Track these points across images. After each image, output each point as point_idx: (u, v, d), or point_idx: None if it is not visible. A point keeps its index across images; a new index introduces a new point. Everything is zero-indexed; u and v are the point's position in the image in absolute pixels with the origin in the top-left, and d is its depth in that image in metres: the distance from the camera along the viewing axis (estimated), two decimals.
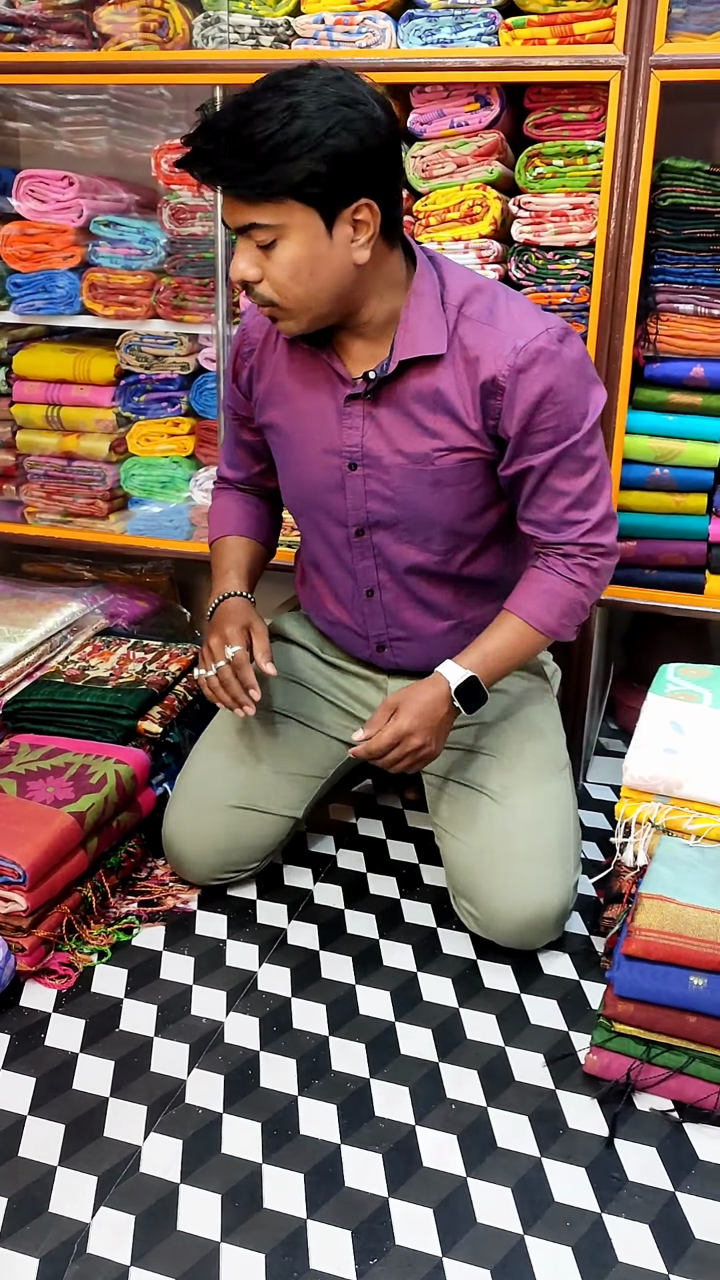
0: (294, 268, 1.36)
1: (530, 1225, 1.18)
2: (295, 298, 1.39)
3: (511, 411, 1.45)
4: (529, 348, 1.42)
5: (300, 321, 1.43)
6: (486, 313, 1.46)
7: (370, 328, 1.48)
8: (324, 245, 1.36)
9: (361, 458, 1.54)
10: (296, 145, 1.28)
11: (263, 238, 1.35)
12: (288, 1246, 1.15)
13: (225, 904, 1.71)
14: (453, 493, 1.53)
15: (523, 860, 1.54)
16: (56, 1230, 1.16)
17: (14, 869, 1.48)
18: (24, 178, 2.13)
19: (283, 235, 1.35)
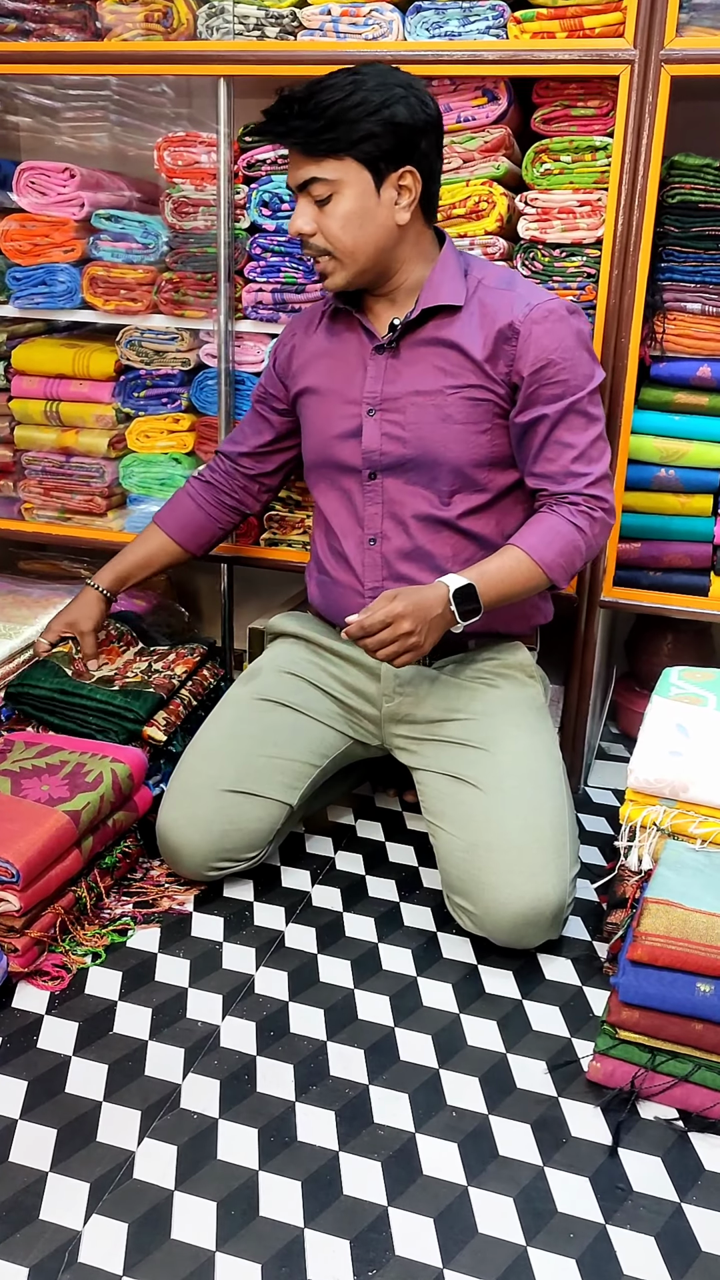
0: (345, 219, 1.60)
1: (533, 1236, 1.15)
2: (345, 248, 1.61)
3: (525, 357, 1.61)
4: (542, 305, 1.62)
5: (346, 272, 1.64)
6: (505, 282, 1.67)
7: (400, 292, 1.70)
8: (372, 202, 1.60)
9: (379, 403, 1.70)
10: (357, 110, 1.54)
11: (320, 191, 1.59)
12: (285, 1256, 1.12)
13: (222, 906, 1.69)
14: (461, 430, 1.66)
15: (517, 851, 1.52)
16: (47, 1238, 1.13)
17: (7, 868, 1.45)
18: (24, 169, 2.11)
19: (338, 190, 1.59)
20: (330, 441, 1.76)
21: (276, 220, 2.00)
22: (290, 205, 1.98)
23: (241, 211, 2.03)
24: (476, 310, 1.65)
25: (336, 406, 1.74)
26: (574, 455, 1.64)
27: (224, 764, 1.70)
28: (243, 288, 2.06)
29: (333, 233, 1.61)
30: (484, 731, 1.67)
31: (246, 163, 2.00)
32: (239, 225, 2.04)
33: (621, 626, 2.38)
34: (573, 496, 1.65)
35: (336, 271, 1.65)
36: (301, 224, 1.62)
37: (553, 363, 1.61)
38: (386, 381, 1.70)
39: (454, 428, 1.66)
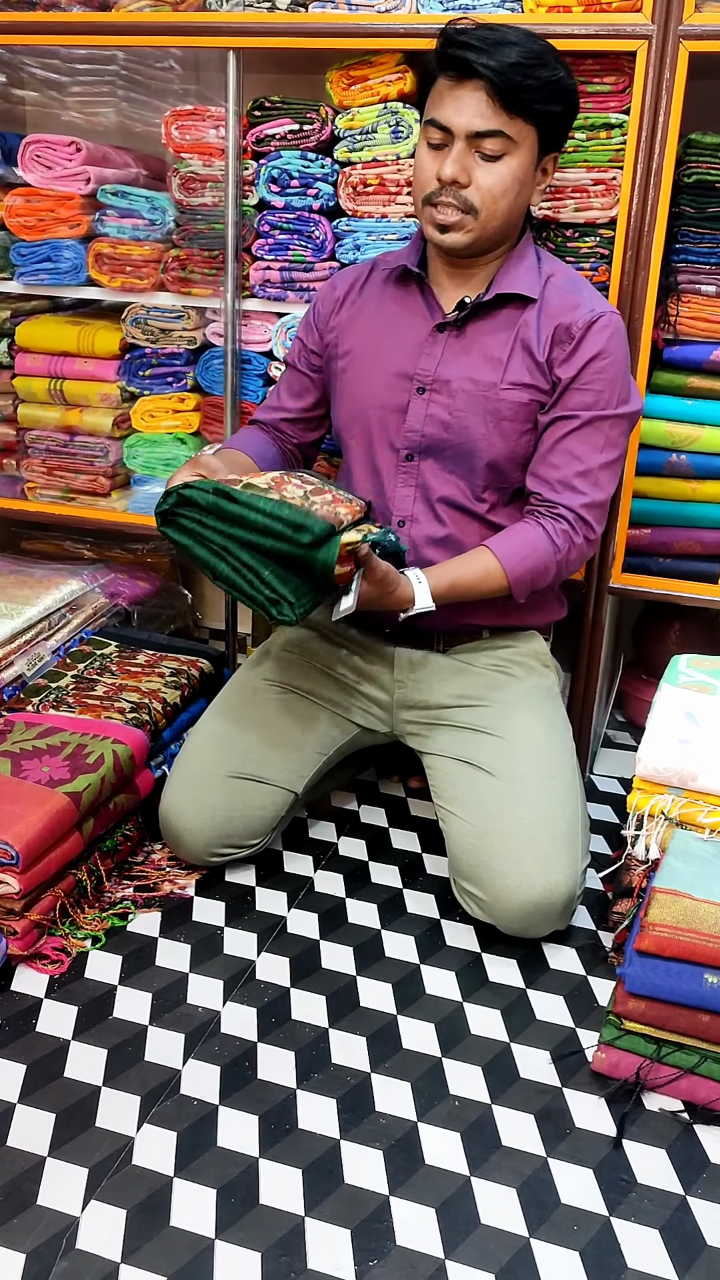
0: (506, 183, 1.54)
1: (536, 1228, 1.14)
2: (492, 210, 1.55)
3: (573, 359, 1.58)
4: (603, 315, 1.59)
5: (475, 235, 1.57)
6: (572, 285, 1.64)
7: (478, 270, 1.64)
8: (529, 175, 1.57)
9: (432, 382, 1.64)
10: (560, 85, 1.52)
11: (495, 148, 1.52)
12: (285, 1245, 1.11)
13: (223, 890, 1.67)
14: (508, 428, 1.62)
15: (530, 840, 1.51)
16: (45, 1224, 1.12)
17: (7, 850, 1.43)
18: (30, 142, 2.08)
19: (511, 151, 1.53)
20: (371, 412, 1.69)
21: (285, 197, 1.97)
22: (300, 181, 1.96)
23: (250, 188, 2.00)
24: (544, 306, 1.61)
25: (384, 378, 1.67)
26: (579, 470, 1.60)
27: (229, 749, 1.68)
28: (250, 265, 2.03)
29: (490, 191, 1.53)
30: (498, 718, 1.65)
31: (255, 138, 1.97)
32: (247, 202, 2.01)
33: (629, 614, 2.36)
34: (564, 510, 1.60)
35: (467, 230, 1.56)
36: (456, 171, 1.52)
37: (595, 369, 1.58)
38: (443, 361, 1.63)
39: (502, 424, 1.61)
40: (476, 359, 1.62)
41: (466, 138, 1.51)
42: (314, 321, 1.79)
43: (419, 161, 1.58)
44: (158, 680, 1.92)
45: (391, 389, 1.66)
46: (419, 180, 1.58)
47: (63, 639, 2.04)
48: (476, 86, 1.49)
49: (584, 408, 1.58)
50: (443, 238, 1.58)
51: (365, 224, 1.95)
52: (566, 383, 1.59)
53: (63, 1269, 1.07)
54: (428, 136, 1.55)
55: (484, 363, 1.62)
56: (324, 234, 1.96)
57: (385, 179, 1.91)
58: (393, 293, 1.71)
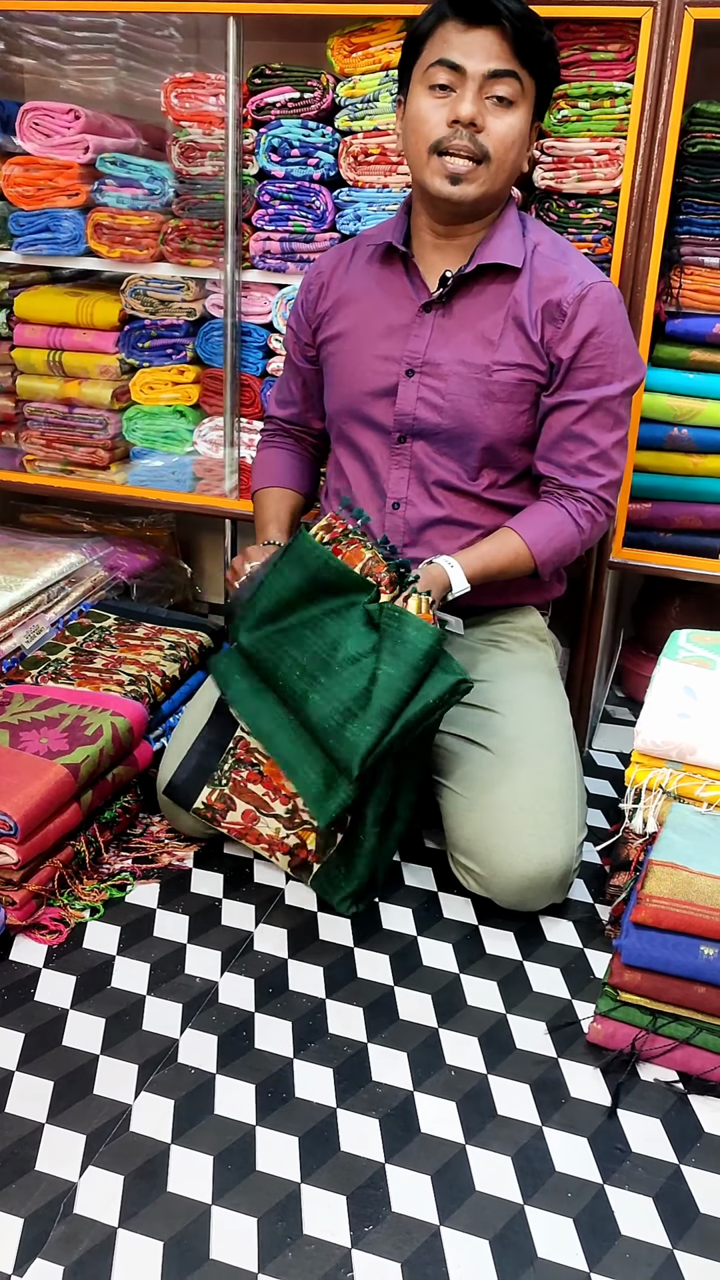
0: (515, 132, 1.52)
1: (530, 1195, 1.15)
2: (502, 160, 1.52)
3: (569, 337, 1.56)
4: (595, 286, 1.56)
5: (485, 187, 1.53)
6: (560, 254, 1.60)
7: (463, 240, 1.60)
8: (527, 133, 1.56)
9: (421, 365, 1.61)
10: (555, 48, 1.55)
11: (509, 91, 1.49)
12: (281, 1210, 1.12)
13: (221, 862, 1.67)
14: (502, 410, 1.60)
15: (528, 814, 1.51)
16: (43, 1189, 1.13)
17: (5, 821, 1.44)
18: (28, 110, 2.06)
19: (519, 101, 1.51)
20: (359, 397, 1.67)
21: (285, 166, 1.96)
22: (300, 151, 1.94)
23: (250, 157, 1.98)
24: (531, 278, 1.58)
25: (371, 362, 1.65)
26: (593, 453, 1.60)
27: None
28: (250, 236, 2.02)
29: (502, 139, 1.50)
30: (495, 693, 1.65)
31: (256, 106, 1.95)
32: (247, 171, 1.99)
33: (629, 589, 2.36)
34: (583, 493, 1.62)
35: (479, 180, 1.52)
36: (474, 111, 1.48)
37: (593, 346, 1.56)
38: (432, 342, 1.61)
39: (495, 406, 1.60)
40: (467, 339, 1.60)
41: (481, 79, 1.48)
42: (301, 310, 1.77)
43: (420, 111, 1.52)
44: (156, 653, 1.92)
45: (379, 373, 1.64)
46: (422, 130, 1.52)
47: (62, 611, 2.04)
48: (492, 30, 1.47)
49: (589, 387, 1.57)
50: (453, 189, 1.52)
51: (366, 194, 1.93)
52: (567, 363, 1.57)
53: (60, 1233, 1.08)
54: (432, 78, 1.50)
55: (475, 343, 1.59)
56: (325, 204, 1.95)
57: (386, 149, 1.89)
58: (377, 272, 1.68)
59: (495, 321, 1.58)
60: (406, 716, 1.41)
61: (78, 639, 1.96)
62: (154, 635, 1.99)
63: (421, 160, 1.54)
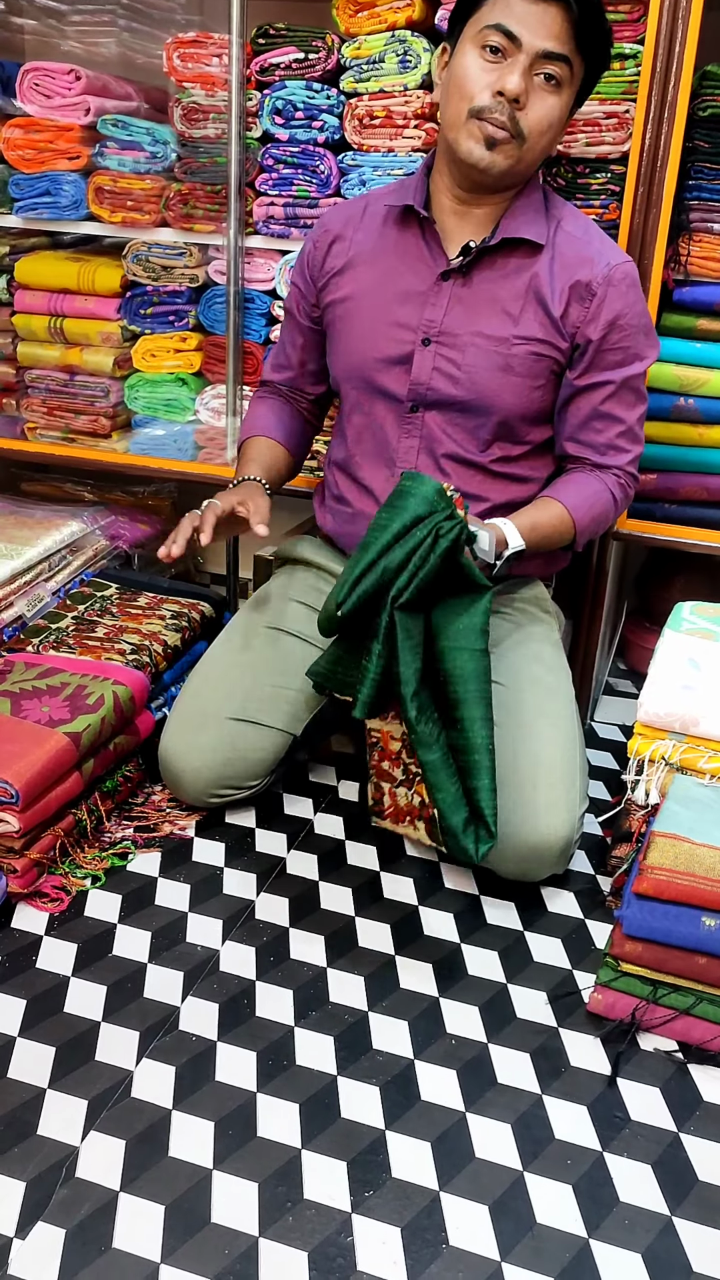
0: (553, 117, 1.49)
1: (530, 1162, 1.15)
2: (535, 143, 1.49)
3: (597, 319, 1.55)
4: (620, 267, 1.56)
5: (513, 162, 1.50)
6: (583, 231, 1.59)
7: (487, 210, 1.57)
8: (565, 118, 1.52)
9: (438, 334, 1.58)
10: (611, 38, 1.51)
11: (559, 73, 1.45)
12: (282, 1176, 1.12)
13: (223, 832, 1.67)
14: (519, 384, 1.58)
15: (528, 785, 1.51)
16: (45, 1153, 1.13)
17: (6, 789, 1.43)
18: (28, 70, 2.03)
19: (565, 85, 1.47)
20: (371, 363, 1.63)
21: (289, 129, 1.93)
22: (304, 114, 1.91)
23: (253, 120, 1.95)
24: (555, 256, 1.56)
25: (385, 329, 1.61)
26: (621, 430, 1.62)
27: (229, 692, 1.67)
28: (253, 201, 1.99)
29: (539, 123, 1.47)
30: (497, 663, 1.64)
31: (259, 67, 1.92)
32: (250, 134, 1.96)
33: (632, 561, 2.35)
34: (615, 469, 1.64)
35: (510, 156, 1.48)
36: (520, 88, 1.43)
37: (620, 328, 1.56)
38: (450, 312, 1.58)
39: (512, 379, 1.58)
40: (486, 311, 1.57)
41: (535, 55, 1.43)
42: (307, 268, 1.72)
43: (466, 69, 1.46)
44: (158, 622, 1.91)
45: (393, 340, 1.61)
46: (466, 89, 1.46)
47: (63, 580, 2.03)
48: (557, 6, 1.42)
49: (616, 367, 1.58)
50: (485, 154, 1.48)
51: (371, 158, 1.90)
52: (596, 345, 1.56)
53: (63, 1196, 1.09)
54: (486, 38, 1.44)
55: (494, 315, 1.57)
56: (329, 168, 1.92)
57: (392, 111, 1.86)
58: (393, 235, 1.63)
59: (515, 295, 1.56)
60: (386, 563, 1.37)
61: (79, 608, 1.96)
62: (156, 605, 1.99)
63: (458, 119, 1.49)
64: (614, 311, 1.55)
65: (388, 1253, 1.05)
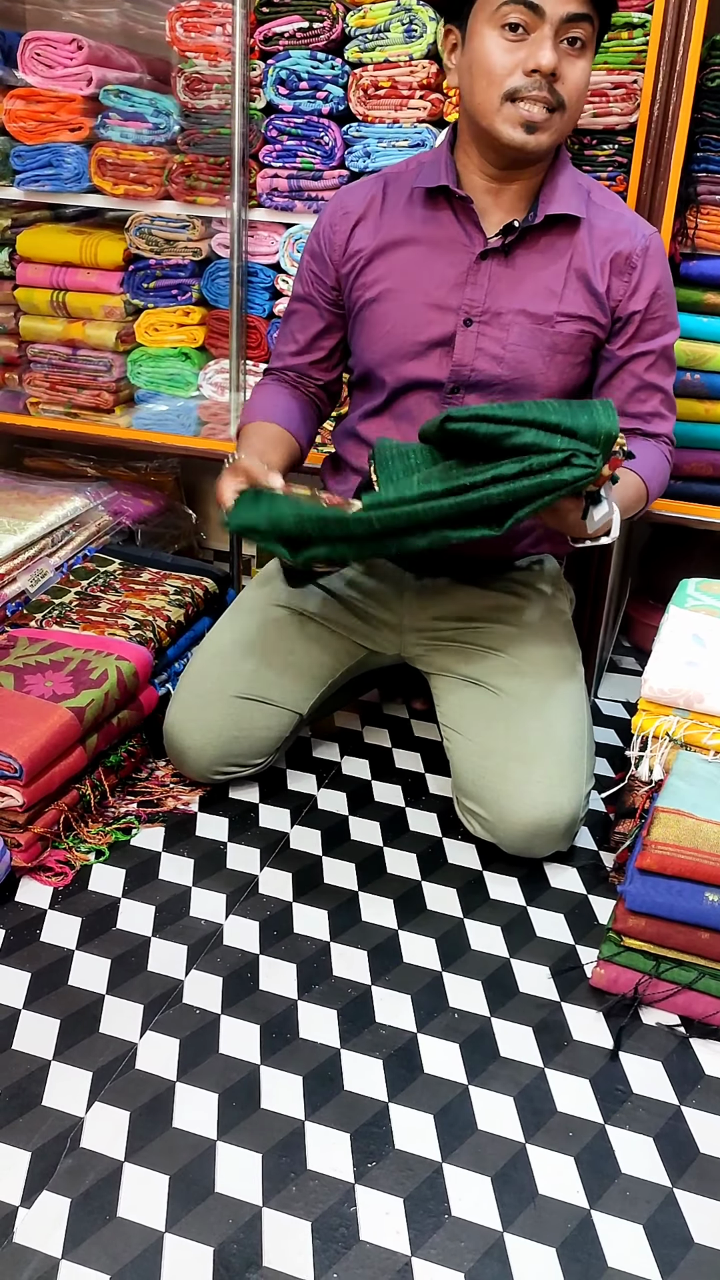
0: (585, 79, 1.44)
1: (532, 1134, 1.16)
2: (574, 109, 1.45)
3: (639, 290, 1.54)
4: (654, 238, 1.55)
5: (556, 136, 1.46)
6: (611, 202, 1.57)
7: (520, 187, 1.53)
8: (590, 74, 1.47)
9: (480, 314, 1.55)
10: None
11: (585, 34, 1.40)
12: (285, 1147, 1.13)
13: (227, 807, 1.68)
14: (564, 361, 1.57)
15: (536, 761, 1.51)
16: (50, 1124, 1.14)
17: (10, 763, 1.44)
18: (29, 40, 2.01)
19: (589, 45, 1.43)
20: (411, 346, 1.56)
21: (293, 100, 1.91)
22: (309, 84, 1.89)
23: (257, 90, 1.93)
24: (591, 229, 1.53)
25: (422, 311, 1.55)
26: (662, 398, 1.62)
27: (235, 670, 1.67)
28: (257, 173, 1.97)
29: (576, 87, 1.42)
30: (506, 639, 1.64)
31: (263, 36, 1.90)
32: (254, 105, 1.94)
33: (637, 538, 2.34)
34: (663, 438, 1.63)
35: (553, 129, 1.43)
36: (554, 59, 1.38)
37: (659, 296, 1.56)
38: (492, 291, 1.53)
39: (558, 358, 1.55)
40: (530, 289, 1.53)
41: (559, 22, 1.37)
42: (326, 251, 1.62)
43: (490, 54, 1.40)
44: (161, 598, 1.91)
45: (432, 323, 1.55)
46: (495, 74, 1.40)
47: (66, 556, 2.03)
48: None
49: (655, 337, 1.57)
50: (528, 138, 1.42)
51: (376, 130, 1.88)
52: (641, 315, 1.55)
53: (67, 1167, 1.10)
54: (505, 16, 1.37)
55: (538, 294, 1.53)
56: (333, 140, 1.90)
57: (397, 81, 1.84)
58: (423, 215, 1.56)
59: (557, 272, 1.53)
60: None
61: (82, 583, 1.95)
62: (159, 580, 1.98)
63: (491, 106, 1.42)
64: (654, 281, 1.55)
65: (390, 1223, 1.06)
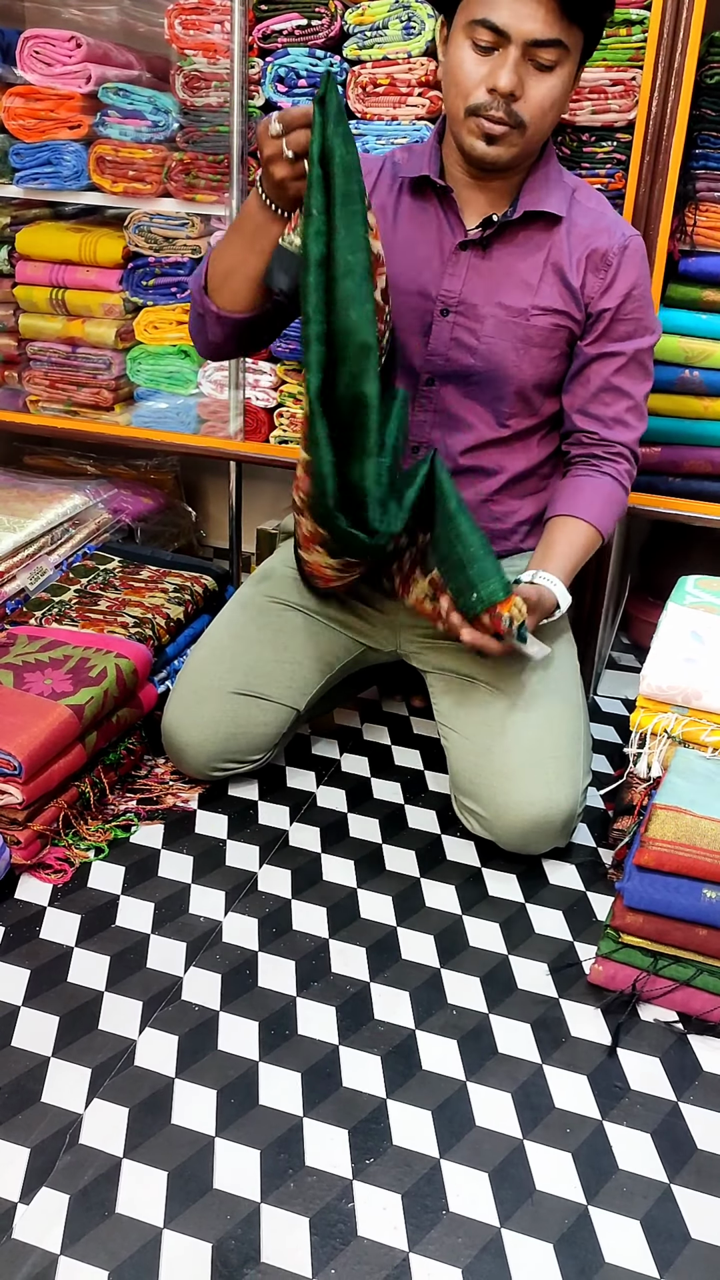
0: (555, 95, 1.44)
1: (530, 1130, 1.16)
2: (539, 126, 1.45)
3: (612, 288, 1.55)
4: (634, 239, 1.56)
5: (519, 149, 1.46)
6: (596, 203, 1.58)
7: (502, 184, 1.53)
8: (570, 86, 1.47)
9: (457, 304, 1.57)
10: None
11: (552, 57, 1.40)
12: (283, 1143, 1.13)
13: (226, 804, 1.68)
14: (538, 355, 1.58)
15: (532, 758, 1.51)
16: (49, 1120, 1.14)
17: (9, 760, 1.44)
18: (28, 38, 2.01)
19: (563, 62, 1.42)
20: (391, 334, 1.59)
21: (292, 97, 1.91)
22: (307, 81, 1.89)
23: (256, 88, 1.93)
24: (571, 226, 1.54)
25: (402, 297, 1.56)
26: (629, 405, 1.61)
27: (232, 666, 1.67)
28: (256, 171, 1.97)
29: (540, 105, 1.42)
30: None
31: (262, 34, 1.90)
32: (253, 103, 1.94)
33: (636, 535, 2.34)
34: (620, 448, 1.62)
35: (512, 144, 1.44)
36: (514, 83, 1.39)
37: (634, 299, 1.56)
38: (468, 283, 1.56)
39: (531, 351, 1.57)
40: (505, 282, 1.55)
41: (524, 45, 1.38)
42: None
43: (461, 65, 1.42)
44: (161, 596, 1.91)
45: (411, 310, 1.58)
46: (461, 86, 1.43)
47: (66, 554, 2.03)
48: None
49: (627, 339, 1.57)
50: (487, 149, 1.45)
51: (375, 127, 1.88)
52: (611, 314, 1.56)
53: (66, 1163, 1.10)
54: (474, 37, 1.40)
55: (513, 286, 1.55)
56: None
57: (396, 79, 1.84)
58: (407, 204, 1.60)
59: (534, 266, 1.55)
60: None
61: (82, 581, 1.95)
62: (158, 578, 1.98)
63: (457, 115, 1.46)
64: (630, 282, 1.55)
65: (388, 1218, 1.06)
